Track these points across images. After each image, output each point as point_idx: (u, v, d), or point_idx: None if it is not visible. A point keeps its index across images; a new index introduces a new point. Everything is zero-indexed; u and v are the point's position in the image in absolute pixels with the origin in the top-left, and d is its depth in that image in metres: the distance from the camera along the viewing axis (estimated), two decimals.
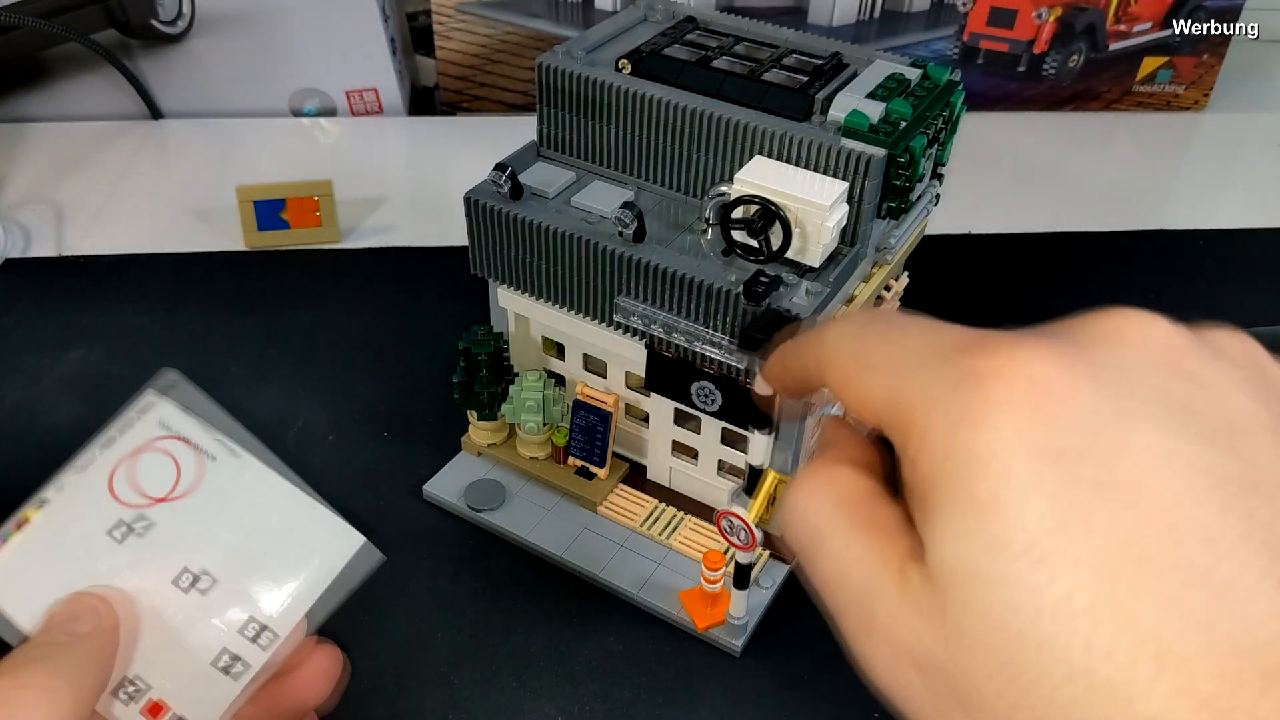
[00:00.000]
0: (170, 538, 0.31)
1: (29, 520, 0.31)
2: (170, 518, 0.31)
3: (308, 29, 0.95)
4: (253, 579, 0.31)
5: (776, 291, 0.47)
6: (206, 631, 0.30)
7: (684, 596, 0.54)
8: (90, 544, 0.31)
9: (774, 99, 0.50)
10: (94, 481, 0.31)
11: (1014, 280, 0.80)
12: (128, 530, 0.31)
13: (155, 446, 0.32)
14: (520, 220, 0.52)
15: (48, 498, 0.31)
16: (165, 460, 0.32)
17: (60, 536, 0.31)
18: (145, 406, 0.32)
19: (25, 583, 0.30)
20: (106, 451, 0.32)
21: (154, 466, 0.31)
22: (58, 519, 0.31)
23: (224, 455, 0.32)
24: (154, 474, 0.31)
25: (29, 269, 0.78)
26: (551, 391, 0.58)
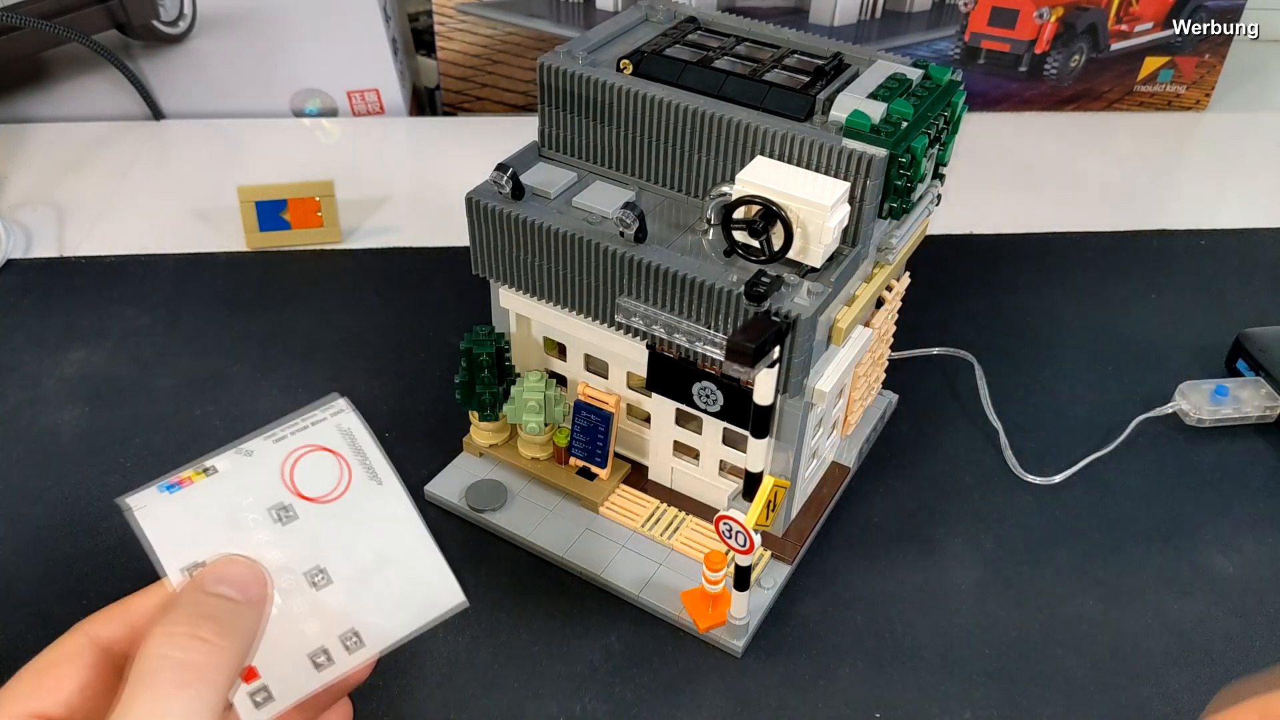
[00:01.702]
0: (313, 533, 0.33)
1: (193, 480, 0.33)
2: (318, 516, 0.34)
3: (309, 29, 0.95)
4: (366, 597, 0.33)
5: (778, 292, 0.47)
6: (314, 626, 0.33)
7: (685, 597, 0.54)
8: (252, 515, 0.33)
9: (775, 99, 0.50)
10: (271, 460, 0.34)
11: (1014, 280, 0.80)
12: (283, 513, 0.33)
13: (332, 449, 0.35)
14: (522, 221, 0.52)
15: (217, 465, 0.34)
16: (336, 465, 0.34)
17: (228, 499, 0.33)
18: (335, 410, 0.35)
19: (182, 530, 0.32)
20: (288, 438, 0.35)
21: (323, 467, 0.34)
22: (228, 483, 0.33)
23: (385, 479, 0.35)
24: (321, 473, 0.34)
25: (30, 269, 0.78)
26: (553, 392, 0.58)
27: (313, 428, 0.35)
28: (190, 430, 0.64)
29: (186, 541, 0.32)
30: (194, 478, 0.33)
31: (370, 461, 0.35)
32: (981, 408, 0.67)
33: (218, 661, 0.29)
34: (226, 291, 0.76)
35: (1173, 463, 0.65)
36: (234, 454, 0.34)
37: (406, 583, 0.34)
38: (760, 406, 0.49)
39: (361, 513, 0.34)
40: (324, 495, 0.34)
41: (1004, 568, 0.58)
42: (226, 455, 0.34)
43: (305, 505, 0.33)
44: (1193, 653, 0.54)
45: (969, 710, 0.51)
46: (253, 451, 0.34)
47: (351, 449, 0.35)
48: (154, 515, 0.32)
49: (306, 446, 0.34)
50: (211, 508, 0.33)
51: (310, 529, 0.33)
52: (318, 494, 0.34)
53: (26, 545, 0.57)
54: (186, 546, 0.32)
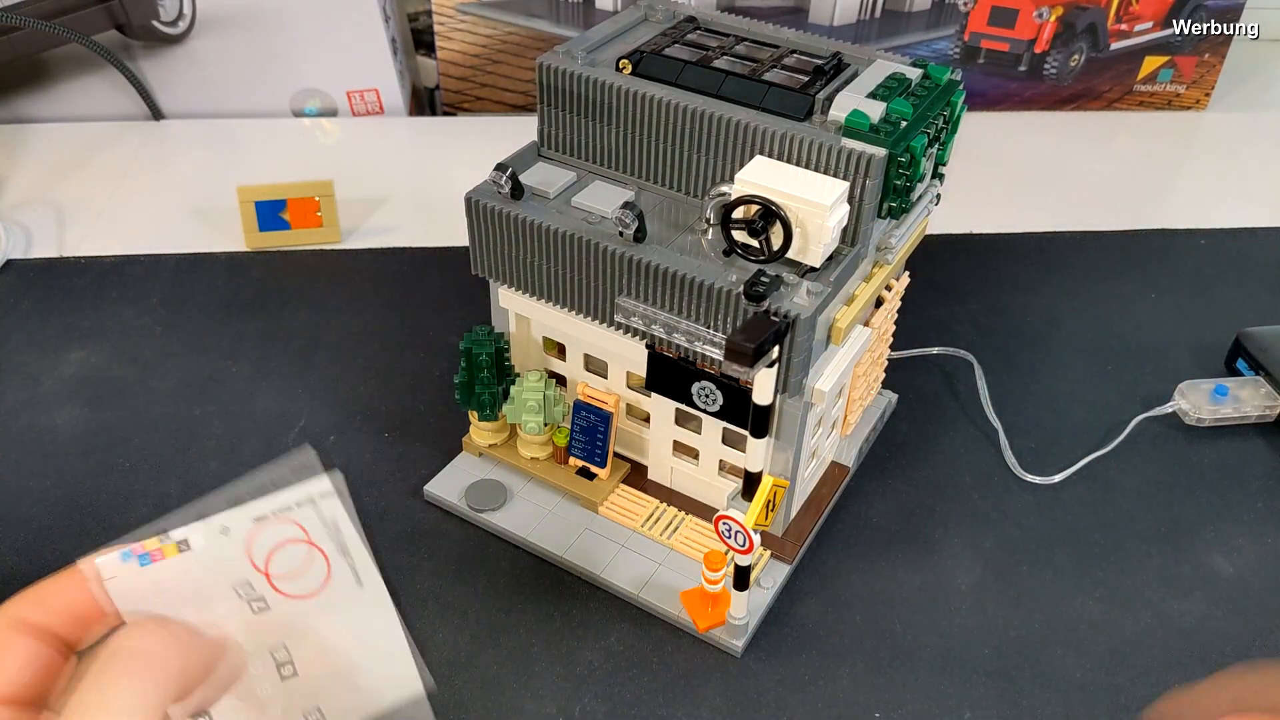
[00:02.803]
0: (286, 626, 0.32)
1: (164, 555, 0.31)
2: (292, 610, 0.32)
3: (309, 30, 0.95)
4: (330, 687, 0.32)
5: (777, 291, 0.47)
6: (277, 709, 0.32)
7: (685, 597, 0.54)
8: (225, 604, 0.32)
9: (775, 99, 0.50)
10: (237, 546, 0.32)
11: (1014, 280, 0.80)
12: (257, 604, 0.32)
13: (315, 542, 0.32)
14: (521, 220, 0.52)
15: (191, 541, 0.31)
16: (317, 560, 0.32)
17: (200, 580, 0.31)
18: (322, 492, 0.32)
19: (151, 607, 0.31)
20: (269, 521, 0.32)
21: (303, 560, 0.32)
22: (201, 563, 0.31)
23: (367, 581, 0.33)
24: (300, 567, 0.32)
25: (30, 270, 0.78)
26: (552, 392, 0.58)
27: (296, 509, 0.32)
28: (190, 430, 0.64)
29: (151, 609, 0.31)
30: (166, 552, 0.31)
31: (354, 561, 0.32)
32: (981, 408, 0.67)
33: (173, 655, 0.29)
34: (226, 291, 0.76)
35: (1173, 462, 0.65)
36: (208, 529, 0.31)
37: (372, 673, 0.33)
38: (760, 406, 0.49)
39: (338, 612, 0.32)
40: (301, 592, 0.32)
41: (1004, 568, 0.58)
42: (201, 530, 0.31)
43: (279, 599, 0.32)
44: (1193, 653, 0.54)
45: (969, 710, 0.51)
46: (229, 530, 0.31)
47: (335, 544, 0.32)
48: (125, 588, 0.31)
49: (288, 538, 0.32)
50: (183, 589, 0.31)
51: (282, 622, 0.32)
52: (294, 590, 0.32)
53: (26, 545, 0.57)
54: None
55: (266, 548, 0.32)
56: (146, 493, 0.60)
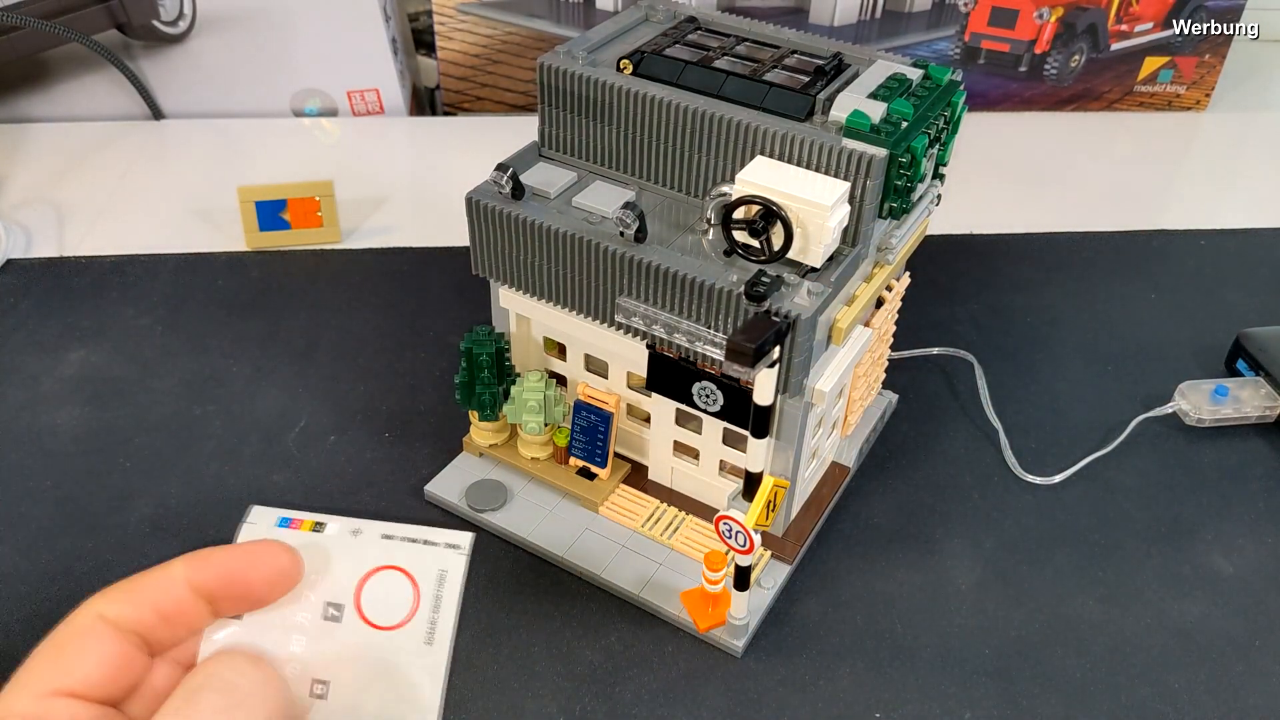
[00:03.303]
0: (343, 649, 0.32)
1: (302, 528, 0.32)
2: (358, 636, 0.32)
3: (309, 29, 0.95)
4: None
5: (778, 292, 0.47)
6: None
7: (685, 597, 0.54)
8: (311, 595, 0.32)
9: (775, 99, 0.50)
10: (364, 557, 0.32)
11: (1014, 280, 0.80)
12: (334, 612, 0.32)
13: (418, 584, 0.32)
14: (522, 220, 0.52)
15: (329, 527, 0.32)
16: (409, 601, 0.32)
17: (307, 566, 0.32)
18: (454, 545, 0.33)
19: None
20: (395, 544, 0.32)
21: (397, 595, 0.32)
22: (319, 551, 0.32)
23: (439, 644, 0.32)
24: (391, 599, 0.32)
25: (30, 269, 0.78)
26: (553, 392, 0.58)
27: (421, 546, 0.32)
28: (190, 430, 0.65)
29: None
30: (305, 525, 0.32)
31: (439, 617, 0.32)
32: (981, 408, 0.67)
33: (264, 694, 0.29)
34: (226, 291, 0.76)
35: (1173, 463, 0.65)
36: (344, 524, 0.32)
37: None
38: (760, 406, 0.49)
39: (395, 659, 0.32)
40: (376, 622, 0.32)
41: (1004, 568, 0.58)
42: (339, 521, 0.32)
43: (354, 618, 0.32)
44: (1193, 653, 0.54)
45: (969, 710, 0.51)
46: (360, 533, 0.32)
47: (433, 594, 0.32)
48: (251, 538, 0.32)
49: (399, 566, 0.32)
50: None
51: (342, 642, 0.32)
52: (372, 616, 0.32)
53: (26, 545, 0.57)
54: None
55: (375, 563, 0.32)
56: (146, 493, 0.60)
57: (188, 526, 0.59)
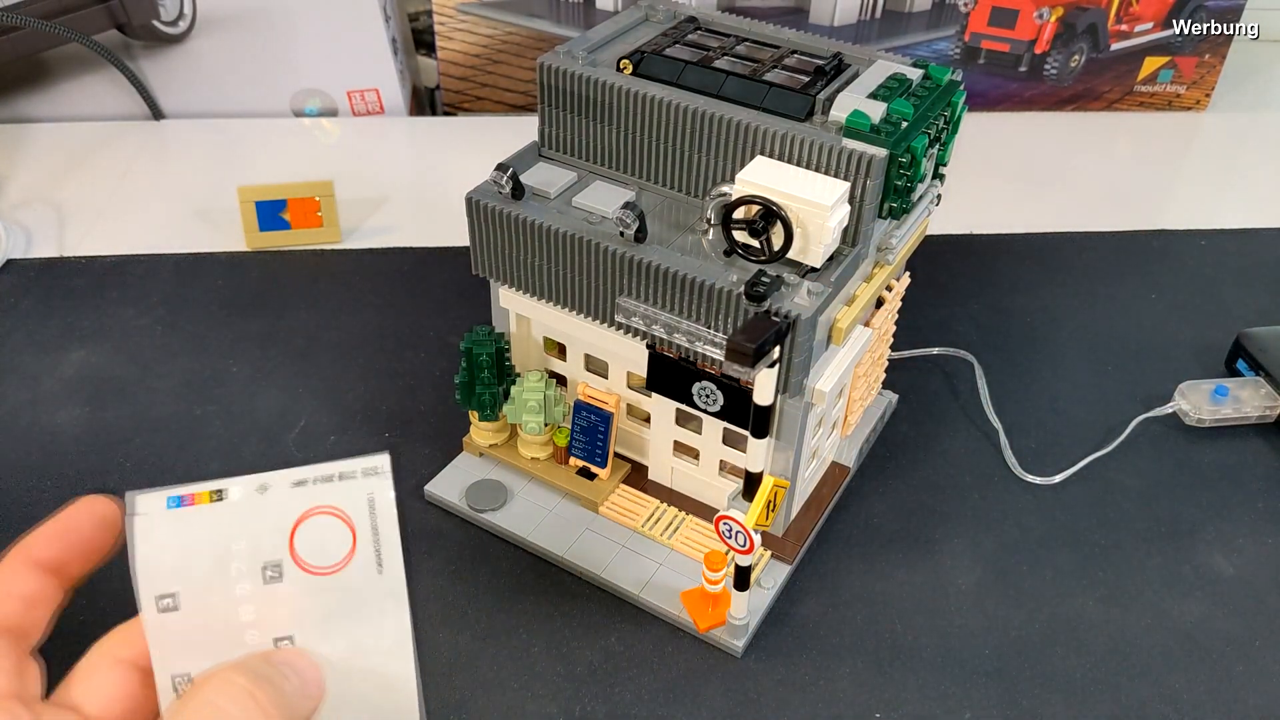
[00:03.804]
0: (294, 602, 0.31)
1: (199, 502, 0.31)
2: (305, 586, 0.31)
3: (309, 29, 0.95)
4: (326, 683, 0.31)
5: (778, 292, 0.47)
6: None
7: (685, 597, 0.54)
8: (241, 564, 0.31)
9: (775, 99, 0.50)
10: (281, 508, 0.31)
11: (1014, 280, 0.80)
12: (272, 571, 0.31)
13: (347, 517, 0.31)
14: (522, 220, 0.52)
15: (228, 492, 0.31)
16: (345, 536, 0.31)
17: (224, 535, 0.31)
18: (372, 470, 0.32)
19: (168, 555, 0.30)
20: (309, 487, 0.31)
21: (330, 534, 0.31)
22: (230, 516, 0.31)
23: (388, 567, 0.32)
24: (326, 541, 0.31)
25: (30, 269, 0.78)
26: (553, 392, 0.58)
27: (339, 483, 0.31)
28: (190, 430, 0.64)
29: (168, 570, 0.31)
30: (201, 499, 0.31)
31: (381, 544, 0.31)
32: (981, 408, 0.67)
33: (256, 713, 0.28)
34: (226, 291, 0.76)
35: (1173, 463, 0.65)
36: (247, 484, 0.31)
37: (371, 686, 0.32)
38: (760, 406, 0.49)
39: (351, 597, 0.31)
40: (319, 567, 0.31)
41: (1004, 568, 0.58)
42: (240, 482, 0.31)
43: (296, 571, 0.31)
44: (1193, 653, 0.54)
45: (969, 710, 0.51)
46: (267, 488, 0.31)
47: (369, 523, 0.31)
48: (149, 529, 0.30)
49: (323, 507, 0.31)
50: (204, 541, 0.31)
51: (292, 596, 0.31)
52: (313, 563, 0.31)
53: None
54: (166, 575, 0.31)
55: (298, 516, 0.31)
56: None
57: None
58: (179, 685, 0.30)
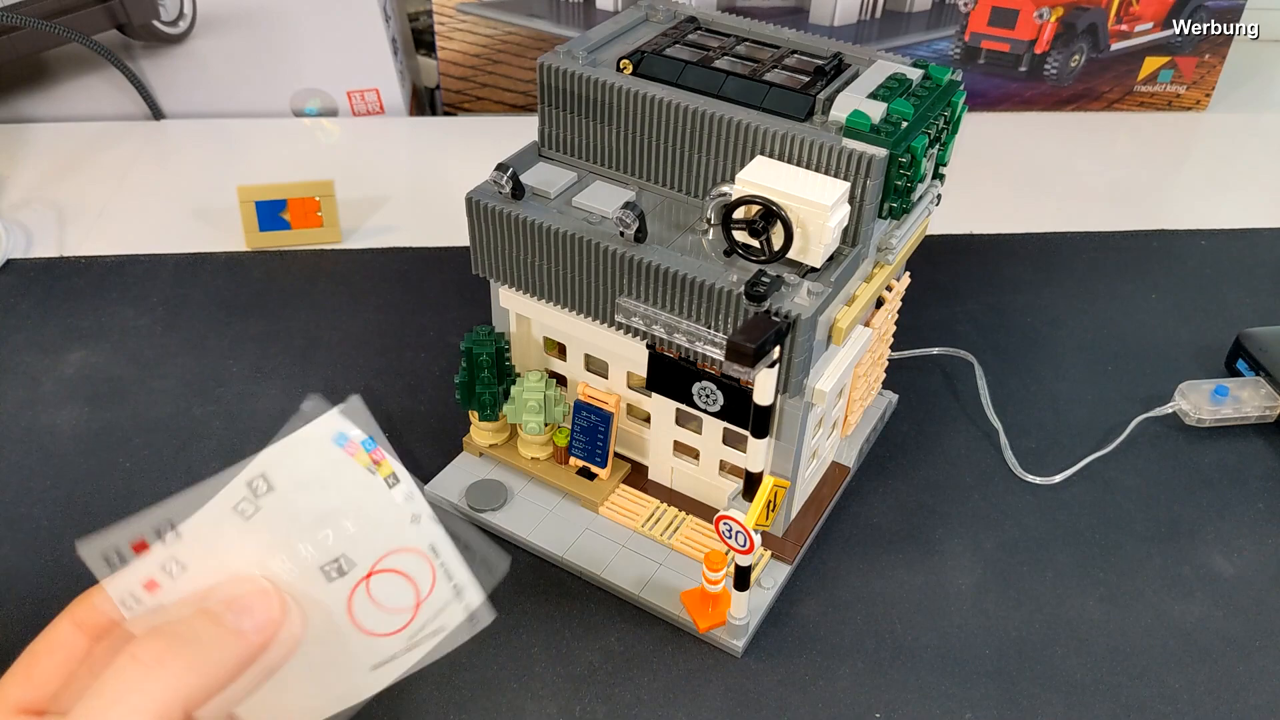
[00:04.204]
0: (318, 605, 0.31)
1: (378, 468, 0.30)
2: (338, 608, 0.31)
3: (309, 29, 0.95)
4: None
5: (778, 292, 0.47)
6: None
7: (685, 597, 0.54)
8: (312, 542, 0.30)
9: (775, 99, 0.50)
10: (386, 540, 0.31)
11: (1014, 280, 0.80)
12: (331, 574, 0.31)
13: (418, 614, 0.31)
14: (522, 220, 0.52)
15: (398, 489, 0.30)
16: (406, 613, 0.31)
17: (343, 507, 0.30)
18: (473, 610, 0.32)
19: (301, 467, 0.30)
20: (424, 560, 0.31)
21: (400, 603, 0.31)
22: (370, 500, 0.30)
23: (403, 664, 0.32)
24: (393, 606, 0.31)
25: (30, 269, 0.78)
26: (553, 392, 0.58)
27: (449, 586, 0.32)
28: (190, 430, 0.64)
29: (284, 470, 0.30)
30: (383, 467, 0.31)
31: (414, 648, 0.32)
32: (981, 408, 0.67)
33: (171, 685, 0.28)
34: (226, 291, 0.76)
35: (1173, 463, 0.65)
36: (416, 503, 0.31)
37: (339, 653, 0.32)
38: (760, 406, 0.49)
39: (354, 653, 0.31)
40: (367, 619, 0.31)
41: (1004, 568, 0.58)
42: (415, 495, 0.31)
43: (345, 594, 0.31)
44: (1193, 653, 0.54)
45: (969, 710, 0.51)
46: (419, 519, 0.31)
47: (426, 626, 0.31)
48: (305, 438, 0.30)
49: (417, 588, 0.31)
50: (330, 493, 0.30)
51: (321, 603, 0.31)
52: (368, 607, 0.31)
53: (26, 545, 0.57)
54: (278, 470, 0.30)
55: (401, 565, 0.31)
56: (146, 493, 0.60)
57: None
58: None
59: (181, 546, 0.30)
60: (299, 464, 0.30)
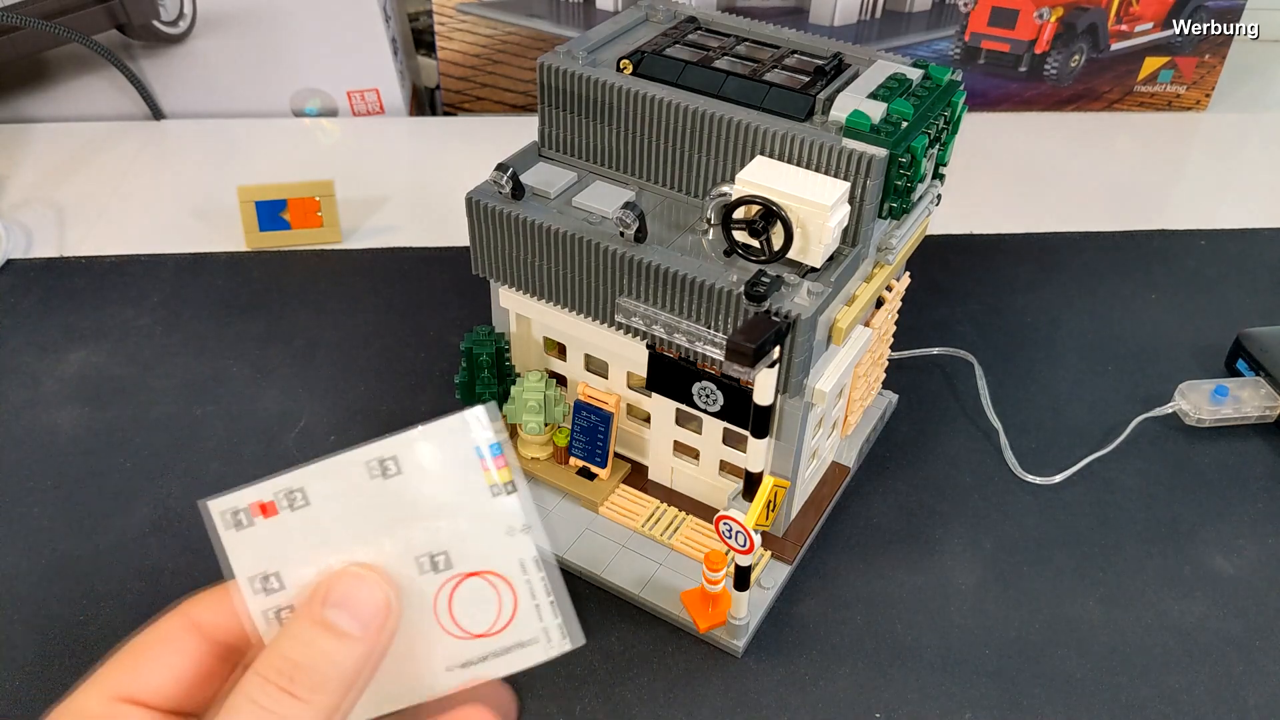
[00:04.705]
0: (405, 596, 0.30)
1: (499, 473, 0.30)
2: (424, 599, 0.30)
3: (309, 29, 0.95)
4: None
5: (778, 292, 0.47)
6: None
7: (685, 597, 0.54)
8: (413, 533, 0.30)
9: (775, 99, 0.50)
10: (489, 551, 0.30)
11: (1014, 280, 0.80)
12: (426, 566, 0.30)
13: (510, 626, 0.31)
14: (522, 220, 0.52)
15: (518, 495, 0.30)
16: (490, 617, 0.31)
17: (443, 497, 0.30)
18: (555, 641, 0.31)
19: (432, 467, 0.30)
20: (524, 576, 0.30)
21: (488, 609, 0.31)
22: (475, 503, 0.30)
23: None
24: (484, 608, 0.31)
25: (30, 270, 0.78)
26: (553, 392, 0.58)
27: (533, 606, 0.31)
28: (190, 430, 0.64)
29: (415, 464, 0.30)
30: (502, 472, 0.30)
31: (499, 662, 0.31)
32: (981, 408, 0.67)
33: (305, 717, 0.26)
34: (226, 291, 0.76)
35: (1173, 463, 0.65)
36: (529, 512, 0.30)
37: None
38: (760, 406, 0.49)
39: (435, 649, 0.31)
40: (462, 617, 0.30)
41: (1004, 568, 0.58)
42: (531, 512, 0.30)
43: (434, 586, 0.30)
44: (1193, 653, 0.54)
45: (969, 710, 0.51)
46: (529, 530, 0.30)
47: (512, 645, 0.31)
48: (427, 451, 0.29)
49: (516, 596, 0.31)
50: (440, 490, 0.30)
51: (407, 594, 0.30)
52: (458, 605, 0.30)
53: (27, 545, 0.57)
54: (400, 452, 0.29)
55: (499, 568, 0.30)
56: (146, 493, 0.60)
57: (188, 526, 0.59)
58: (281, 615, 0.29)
59: (309, 513, 0.30)
60: (429, 453, 0.30)
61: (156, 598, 0.55)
